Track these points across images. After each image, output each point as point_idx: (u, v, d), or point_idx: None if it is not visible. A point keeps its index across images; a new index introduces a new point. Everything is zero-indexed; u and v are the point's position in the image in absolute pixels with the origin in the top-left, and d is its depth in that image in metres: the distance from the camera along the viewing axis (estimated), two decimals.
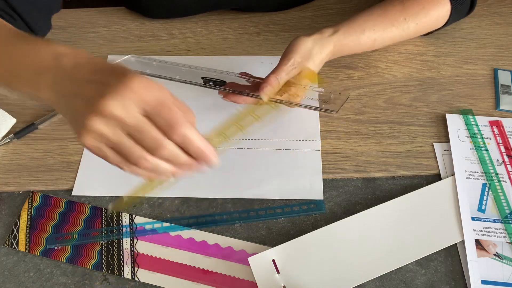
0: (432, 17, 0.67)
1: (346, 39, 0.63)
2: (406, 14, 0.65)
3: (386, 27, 0.65)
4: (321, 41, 0.62)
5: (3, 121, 0.66)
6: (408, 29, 0.66)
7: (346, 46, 0.64)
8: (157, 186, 0.52)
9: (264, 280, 0.53)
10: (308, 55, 0.60)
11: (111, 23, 0.80)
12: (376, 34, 0.65)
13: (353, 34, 0.64)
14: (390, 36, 0.66)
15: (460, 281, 0.53)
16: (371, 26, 0.64)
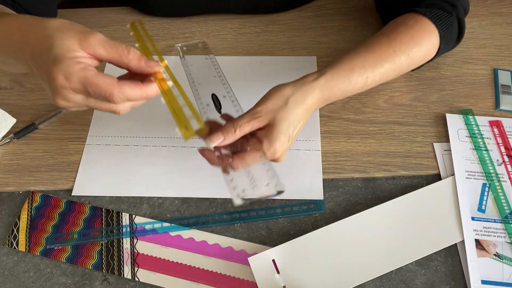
0: (422, 46, 0.61)
1: (334, 81, 0.56)
2: (394, 46, 0.60)
3: (377, 62, 0.59)
4: (304, 87, 0.55)
5: (3, 121, 0.66)
6: (400, 62, 0.60)
7: (337, 89, 0.57)
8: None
9: (264, 280, 0.53)
10: (283, 104, 0.53)
11: (111, 23, 0.80)
12: (367, 72, 0.58)
13: (342, 75, 0.57)
14: (382, 72, 0.59)
15: (460, 281, 0.53)
16: (360, 64, 0.58)
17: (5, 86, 0.72)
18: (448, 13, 0.63)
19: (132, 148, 0.64)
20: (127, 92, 0.45)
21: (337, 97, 0.58)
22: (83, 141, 0.65)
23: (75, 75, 0.43)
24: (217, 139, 0.51)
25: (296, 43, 0.76)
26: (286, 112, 0.53)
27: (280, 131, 0.52)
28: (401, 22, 0.63)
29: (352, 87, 0.58)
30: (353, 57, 0.59)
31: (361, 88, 0.59)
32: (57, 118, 0.68)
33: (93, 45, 0.45)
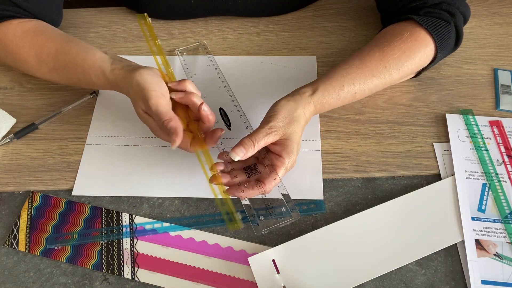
0: (415, 60, 0.63)
1: (325, 97, 0.60)
2: (386, 62, 0.62)
3: (366, 78, 0.61)
4: (303, 101, 0.59)
5: (3, 121, 0.66)
6: (390, 77, 0.62)
7: (327, 104, 0.61)
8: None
9: (264, 280, 0.53)
10: (291, 119, 0.57)
11: (111, 23, 0.80)
12: (356, 88, 0.61)
13: (332, 92, 0.61)
14: (371, 87, 0.62)
15: (460, 281, 0.53)
16: (350, 80, 0.61)
17: (5, 86, 0.72)
18: (446, 22, 0.63)
19: (132, 148, 0.64)
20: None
21: (326, 110, 0.63)
22: (83, 141, 0.65)
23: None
24: (240, 152, 0.55)
25: (296, 43, 0.76)
26: (295, 126, 0.57)
27: (295, 143, 0.57)
28: (397, 33, 0.63)
29: (340, 102, 0.62)
30: (344, 72, 0.62)
31: (349, 101, 0.63)
32: (57, 118, 0.68)
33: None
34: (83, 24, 0.80)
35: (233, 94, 0.67)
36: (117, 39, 0.78)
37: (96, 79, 0.61)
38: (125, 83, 0.58)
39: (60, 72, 0.64)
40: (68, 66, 0.63)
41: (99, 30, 0.79)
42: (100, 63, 0.61)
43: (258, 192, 0.55)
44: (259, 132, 0.56)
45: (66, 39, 0.65)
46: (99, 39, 0.78)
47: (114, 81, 0.60)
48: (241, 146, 0.55)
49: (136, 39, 0.78)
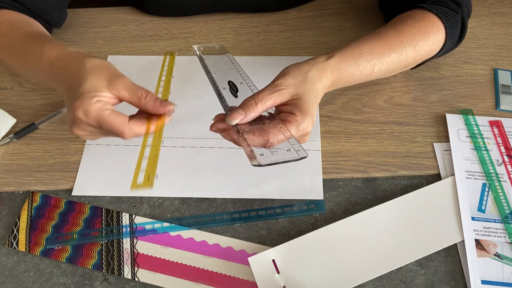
0: (429, 40, 0.62)
1: (343, 64, 0.57)
2: (402, 37, 0.60)
3: (384, 51, 0.59)
4: (317, 65, 0.55)
5: (3, 121, 0.66)
6: (406, 53, 0.61)
7: (345, 72, 0.57)
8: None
9: (264, 280, 0.53)
10: (303, 79, 0.52)
11: (111, 23, 0.80)
12: (374, 58, 0.58)
13: (350, 58, 0.57)
14: (389, 60, 0.60)
15: (460, 281, 0.53)
16: (368, 50, 0.58)
17: (5, 86, 0.72)
18: (454, 11, 0.63)
19: (132, 148, 0.64)
20: (136, 130, 0.50)
21: (345, 82, 0.58)
22: (83, 141, 0.65)
23: (92, 113, 0.49)
24: (239, 115, 0.49)
25: (296, 43, 0.76)
26: (308, 86, 0.52)
27: (310, 104, 0.51)
28: (408, 16, 0.63)
29: (359, 73, 0.58)
30: (361, 43, 0.59)
31: (368, 75, 0.59)
32: (57, 118, 0.68)
33: (118, 88, 0.50)
34: (83, 24, 0.80)
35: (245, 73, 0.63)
36: (117, 39, 0.78)
37: (35, 61, 0.57)
38: (77, 64, 0.52)
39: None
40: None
41: (99, 30, 0.79)
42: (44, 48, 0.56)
43: (260, 141, 0.48)
44: (264, 90, 0.51)
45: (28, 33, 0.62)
46: (99, 39, 0.78)
47: (58, 58, 0.55)
48: (239, 109, 0.49)
49: (136, 39, 0.78)
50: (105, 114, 0.49)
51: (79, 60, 0.52)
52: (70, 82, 0.52)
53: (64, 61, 0.54)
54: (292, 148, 0.49)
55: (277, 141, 0.48)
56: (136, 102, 0.51)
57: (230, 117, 0.49)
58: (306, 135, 0.52)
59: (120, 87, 0.50)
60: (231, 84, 0.60)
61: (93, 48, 0.77)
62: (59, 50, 0.56)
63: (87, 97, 0.49)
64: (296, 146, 0.49)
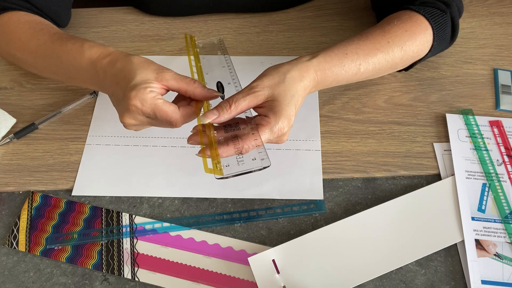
0: (416, 40, 0.61)
1: (327, 63, 0.56)
2: (389, 37, 0.60)
3: (370, 51, 0.59)
4: (299, 65, 0.54)
5: (3, 121, 0.66)
6: (393, 54, 0.60)
7: (330, 71, 0.56)
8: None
9: (264, 280, 0.53)
10: (281, 80, 0.52)
11: (111, 23, 0.80)
12: (360, 58, 0.58)
13: (335, 58, 0.57)
14: (375, 61, 0.59)
15: (460, 281, 0.53)
16: (353, 50, 0.58)
17: (5, 86, 0.72)
18: (442, 11, 0.63)
19: (132, 148, 0.64)
20: (186, 118, 0.53)
21: (330, 82, 0.58)
22: (83, 141, 0.65)
23: (148, 102, 0.51)
24: (212, 115, 0.50)
25: (296, 43, 0.76)
26: (285, 87, 0.52)
27: (284, 104, 0.51)
28: (395, 17, 0.63)
29: (344, 73, 0.58)
30: (347, 43, 0.59)
31: (353, 75, 0.59)
32: (57, 118, 0.68)
33: (166, 78, 0.53)
34: (83, 24, 0.80)
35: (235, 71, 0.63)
36: (117, 39, 0.78)
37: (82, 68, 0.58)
38: (124, 61, 0.54)
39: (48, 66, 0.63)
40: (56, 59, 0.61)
41: (99, 30, 0.79)
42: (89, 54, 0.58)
43: (234, 151, 0.50)
44: (240, 92, 0.52)
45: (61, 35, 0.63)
46: (99, 39, 0.78)
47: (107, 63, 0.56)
48: (214, 109, 0.51)
49: (136, 39, 0.78)
50: (159, 103, 0.51)
51: (125, 58, 0.55)
52: (118, 79, 0.54)
53: (108, 58, 0.56)
54: (258, 157, 0.51)
55: (249, 148, 0.50)
56: (185, 89, 0.53)
57: (203, 116, 0.51)
58: (283, 136, 0.52)
59: (167, 77, 0.53)
60: (219, 85, 0.61)
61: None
62: (101, 48, 0.57)
63: (142, 88, 0.51)
64: (262, 154, 0.51)
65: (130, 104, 0.51)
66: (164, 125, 0.54)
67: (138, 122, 0.54)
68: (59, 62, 0.60)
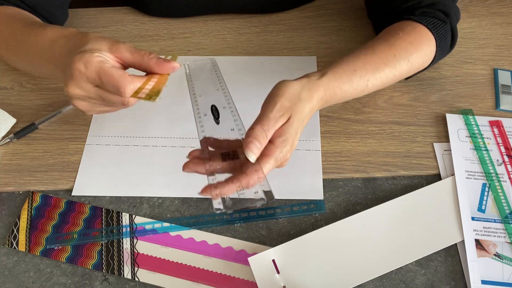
0: (421, 52, 0.61)
1: (337, 81, 0.55)
2: (395, 51, 0.59)
3: (378, 65, 0.58)
4: (309, 84, 0.53)
5: (3, 121, 0.66)
6: (400, 67, 0.60)
7: (338, 89, 0.55)
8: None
9: (264, 280, 0.53)
10: (297, 100, 0.51)
11: (111, 23, 0.80)
12: (368, 74, 0.57)
13: (344, 75, 0.56)
14: (383, 75, 0.58)
15: (460, 281, 0.53)
16: (361, 65, 0.57)
17: (5, 86, 0.72)
18: (443, 21, 0.63)
19: (132, 148, 0.64)
20: (137, 84, 0.49)
21: (338, 99, 0.57)
22: (83, 141, 0.65)
23: (93, 65, 0.48)
24: (256, 149, 0.47)
25: (296, 43, 0.76)
26: (299, 108, 0.51)
27: (293, 130, 0.50)
28: (398, 28, 0.62)
29: (353, 89, 0.57)
30: (354, 58, 0.58)
31: (361, 91, 0.58)
32: (57, 118, 0.68)
33: (121, 49, 0.50)
34: (83, 24, 0.80)
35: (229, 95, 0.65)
36: (117, 39, 0.78)
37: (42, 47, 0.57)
38: (80, 37, 0.53)
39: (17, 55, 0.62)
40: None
41: (99, 30, 0.79)
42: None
43: (235, 188, 0.47)
44: (269, 118, 0.48)
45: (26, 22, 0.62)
46: None
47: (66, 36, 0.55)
48: (255, 141, 0.46)
49: (136, 39, 0.78)
50: (106, 66, 0.48)
51: (82, 33, 0.53)
52: (70, 51, 0.51)
53: (67, 37, 0.54)
54: (260, 190, 0.47)
55: (252, 185, 0.47)
56: (139, 61, 0.51)
57: (249, 151, 0.46)
58: (285, 161, 0.50)
59: (122, 49, 0.50)
60: (214, 108, 0.59)
61: None
62: (61, 30, 0.56)
63: (88, 52, 0.48)
64: (265, 186, 0.47)
65: (73, 68, 0.48)
66: (113, 98, 0.50)
67: (83, 91, 0.50)
68: (24, 50, 0.59)
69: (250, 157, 0.46)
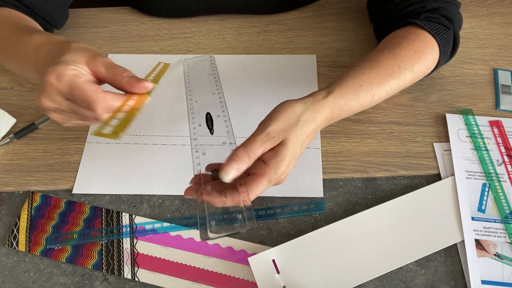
0: (425, 60, 0.61)
1: (343, 99, 0.55)
2: (399, 62, 0.59)
3: (383, 78, 0.58)
4: (314, 105, 0.52)
5: (3, 121, 0.66)
6: (404, 78, 0.59)
7: (345, 107, 0.55)
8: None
9: (264, 280, 0.53)
10: (295, 122, 0.50)
11: (111, 23, 0.80)
12: (374, 88, 0.57)
13: (350, 92, 0.55)
14: (388, 88, 0.58)
15: (460, 281, 0.53)
16: (367, 80, 0.57)
17: (5, 86, 0.72)
18: (446, 27, 0.62)
19: (132, 147, 0.64)
20: (110, 102, 0.47)
21: (345, 115, 0.57)
22: (83, 141, 0.65)
23: (65, 78, 0.46)
24: (232, 170, 0.47)
25: (296, 43, 0.76)
26: (297, 131, 0.50)
27: (291, 150, 0.50)
28: (402, 36, 0.62)
29: (359, 105, 0.57)
30: (359, 73, 0.57)
31: (367, 105, 0.58)
32: None
33: (97, 63, 0.48)
34: (83, 24, 0.80)
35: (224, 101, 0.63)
36: (117, 39, 0.78)
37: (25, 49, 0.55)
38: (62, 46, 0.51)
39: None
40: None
41: (99, 30, 0.79)
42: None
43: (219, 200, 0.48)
44: (255, 140, 0.49)
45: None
46: (99, 39, 0.78)
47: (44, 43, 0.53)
48: (232, 163, 0.47)
49: (136, 39, 0.78)
50: (79, 80, 0.46)
51: (64, 43, 0.51)
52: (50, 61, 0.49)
53: (50, 45, 0.53)
54: (242, 216, 0.49)
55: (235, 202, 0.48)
56: (112, 78, 0.48)
57: (224, 173, 0.47)
58: (281, 181, 0.51)
59: (98, 63, 0.48)
60: (208, 117, 0.60)
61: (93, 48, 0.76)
62: (47, 36, 0.55)
63: (62, 64, 0.47)
64: (248, 212, 0.49)
65: (45, 80, 0.47)
66: (85, 113, 0.48)
67: (55, 104, 0.48)
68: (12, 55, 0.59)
69: (223, 177, 0.47)
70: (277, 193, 0.60)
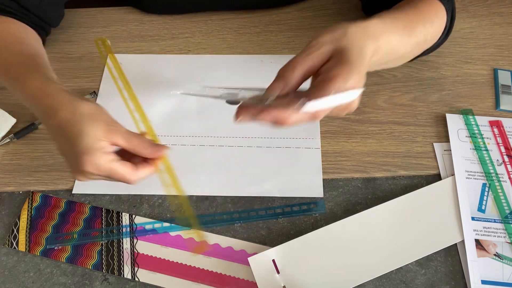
0: (438, 18, 0.59)
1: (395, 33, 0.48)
2: (422, 14, 0.56)
3: (428, 18, 0.54)
4: (357, 23, 0.45)
5: (3, 121, 0.66)
6: (432, 29, 0.57)
7: (395, 41, 0.48)
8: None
9: (264, 280, 0.53)
10: (343, 33, 0.43)
11: (111, 23, 0.80)
12: (426, 25, 0.53)
13: (401, 28, 0.49)
14: (432, 31, 0.55)
15: (460, 281, 0.53)
16: (416, 19, 0.52)
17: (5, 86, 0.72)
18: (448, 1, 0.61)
19: None
20: (141, 175, 0.51)
21: (388, 58, 0.50)
22: None
23: (103, 167, 0.48)
24: (278, 87, 0.42)
25: (296, 43, 0.76)
26: (350, 39, 0.43)
27: (355, 56, 0.42)
28: (410, 1, 0.59)
29: (405, 48, 0.52)
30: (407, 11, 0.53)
31: (410, 52, 0.55)
32: None
33: (116, 137, 0.49)
34: (83, 24, 0.80)
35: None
36: (117, 39, 0.78)
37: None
38: (70, 110, 0.50)
39: None
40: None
41: (99, 30, 0.79)
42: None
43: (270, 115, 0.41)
44: (299, 54, 0.43)
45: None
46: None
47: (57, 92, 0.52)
48: (276, 81, 0.42)
49: (136, 39, 0.78)
50: (115, 166, 0.49)
51: (69, 105, 0.50)
52: (64, 131, 0.49)
53: (49, 99, 0.51)
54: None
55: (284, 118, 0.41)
56: (133, 150, 0.51)
57: (270, 90, 0.41)
58: (353, 103, 0.43)
59: (118, 137, 0.50)
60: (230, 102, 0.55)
61: (93, 48, 0.76)
62: (41, 83, 0.53)
63: (93, 151, 0.48)
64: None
65: (84, 170, 0.49)
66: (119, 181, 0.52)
67: (92, 180, 0.52)
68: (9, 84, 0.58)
69: (269, 95, 0.42)
70: (277, 193, 0.60)
